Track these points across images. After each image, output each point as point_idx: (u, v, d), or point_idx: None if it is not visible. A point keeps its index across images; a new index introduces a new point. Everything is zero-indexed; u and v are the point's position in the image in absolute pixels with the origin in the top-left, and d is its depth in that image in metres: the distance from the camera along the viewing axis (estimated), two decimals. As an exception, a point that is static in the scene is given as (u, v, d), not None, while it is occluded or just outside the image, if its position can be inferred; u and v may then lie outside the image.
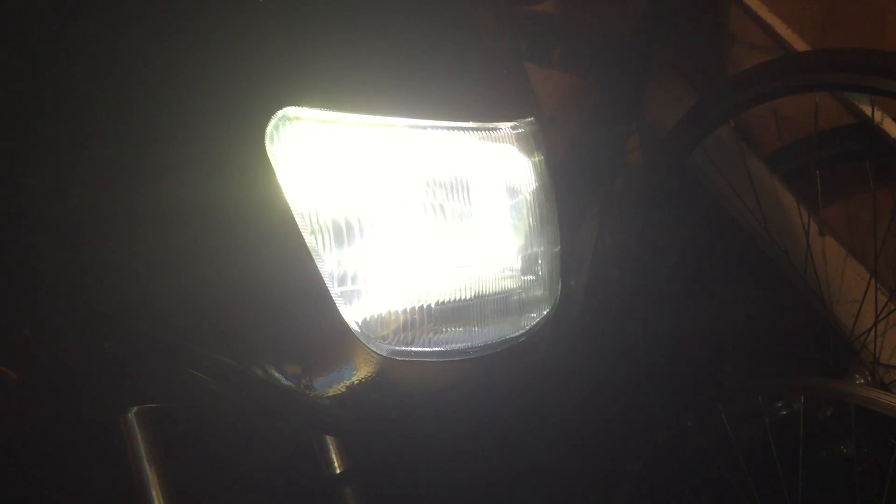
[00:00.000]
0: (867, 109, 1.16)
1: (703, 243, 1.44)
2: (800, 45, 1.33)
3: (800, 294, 1.29)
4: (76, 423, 0.69)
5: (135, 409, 0.65)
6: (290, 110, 0.55)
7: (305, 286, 0.59)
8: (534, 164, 0.72)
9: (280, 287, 0.60)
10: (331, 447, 0.82)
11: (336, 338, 0.62)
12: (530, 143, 0.71)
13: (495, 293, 0.67)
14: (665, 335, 1.40)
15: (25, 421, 0.71)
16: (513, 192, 0.69)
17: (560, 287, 0.76)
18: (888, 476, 1.16)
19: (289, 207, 0.57)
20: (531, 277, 0.71)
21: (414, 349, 0.63)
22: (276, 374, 0.64)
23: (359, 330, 0.61)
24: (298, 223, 0.57)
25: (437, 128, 0.63)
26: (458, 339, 0.65)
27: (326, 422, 0.69)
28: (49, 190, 0.60)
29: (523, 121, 0.71)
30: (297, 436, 0.80)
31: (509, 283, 0.68)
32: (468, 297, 0.65)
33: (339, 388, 0.64)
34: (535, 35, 1.42)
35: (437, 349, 0.63)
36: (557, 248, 0.75)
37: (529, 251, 0.70)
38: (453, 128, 0.64)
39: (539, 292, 0.72)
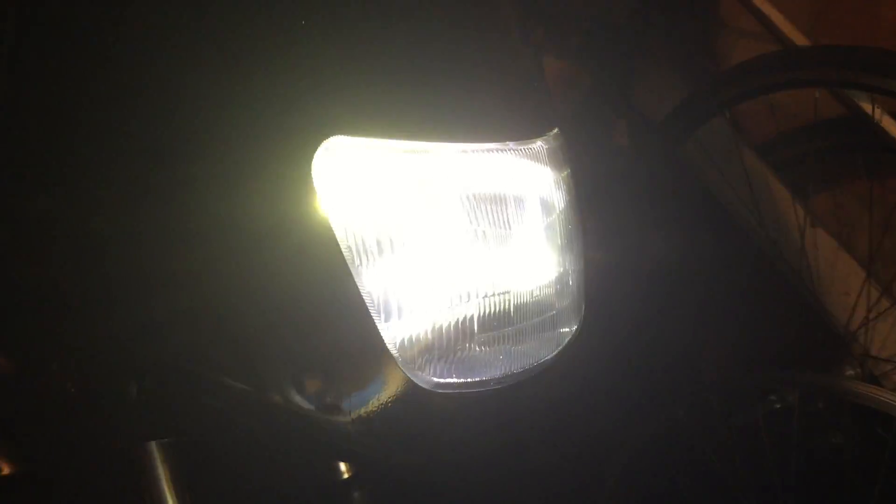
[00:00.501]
0: (866, 106, 1.16)
1: (694, 234, 1.44)
2: (794, 35, 1.33)
3: (791, 286, 1.30)
4: (96, 455, 0.66)
5: (155, 442, 0.63)
6: (335, 139, 0.55)
7: (345, 304, 0.58)
8: (563, 179, 0.70)
9: (318, 306, 0.59)
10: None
11: (372, 359, 0.61)
12: (559, 158, 0.70)
13: (533, 314, 0.66)
14: (656, 327, 1.41)
15: (47, 451, 0.69)
16: (548, 209, 0.67)
17: (585, 300, 0.75)
18: (878, 467, 1.18)
19: (331, 229, 0.56)
20: (564, 295, 0.70)
21: (453, 379, 0.61)
22: (302, 400, 0.62)
23: (396, 353, 0.60)
24: (340, 244, 0.57)
25: (474, 150, 0.61)
26: (496, 364, 0.63)
27: (352, 451, 0.67)
28: (83, 211, 0.58)
29: (551, 134, 0.69)
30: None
31: (546, 303, 0.67)
32: (508, 319, 0.63)
33: (371, 414, 0.62)
34: (553, 22, 1.40)
35: (476, 379, 0.62)
36: (583, 262, 0.74)
37: (562, 269, 0.69)
38: (489, 149, 0.62)
39: (570, 309, 0.71)
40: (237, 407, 0.63)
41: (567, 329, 0.71)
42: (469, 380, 0.62)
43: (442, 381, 0.60)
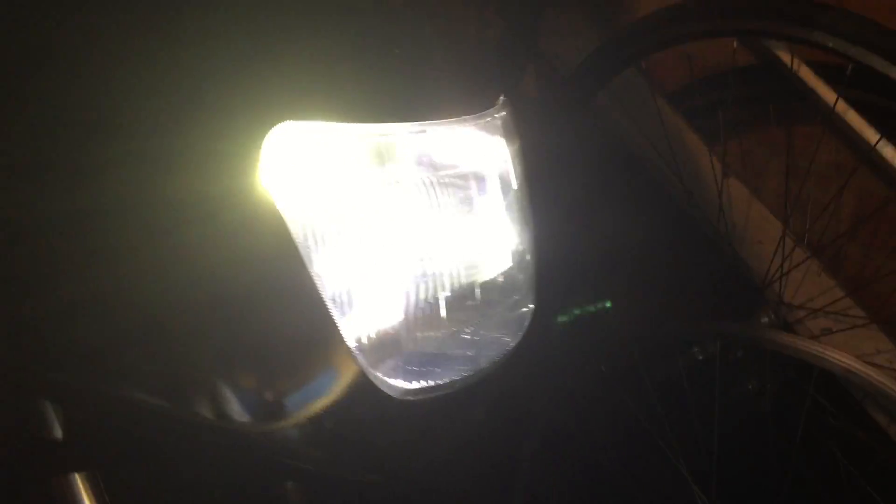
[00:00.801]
0: (784, 55, 1.15)
1: (607, 186, 1.42)
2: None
3: (708, 236, 1.30)
4: (13, 489, 0.57)
5: (78, 474, 0.54)
6: (285, 125, 0.50)
7: (296, 295, 0.54)
8: (517, 153, 0.65)
9: (266, 298, 0.54)
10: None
11: (327, 354, 0.55)
12: (511, 129, 0.64)
13: (500, 297, 0.61)
14: (573, 280, 1.39)
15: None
16: (506, 186, 0.62)
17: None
18: (796, 411, 1.21)
19: (281, 217, 0.52)
20: (525, 274, 0.65)
21: (420, 384, 0.55)
22: (239, 406, 0.55)
23: (356, 349, 0.54)
24: (291, 231, 0.52)
25: (430, 128, 0.55)
26: (463, 358, 0.58)
27: (299, 467, 0.60)
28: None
29: (500, 102, 0.63)
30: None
31: (510, 285, 0.62)
32: (476, 305, 0.58)
33: (326, 418, 0.56)
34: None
35: (444, 380, 0.56)
36: (534, 237, 0.69)
37: (522, 248, 0.64)
38: (446, 125, 0.56)
39: (530, 288, 0.67)
40: (167, 426, 0.55)
41: (527, 309, 0.67)
42: (438, 382, 0.56)
43: (409, 386, 0.55)
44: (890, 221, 1.23)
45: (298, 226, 0.51)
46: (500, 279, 0.61)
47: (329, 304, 0.53)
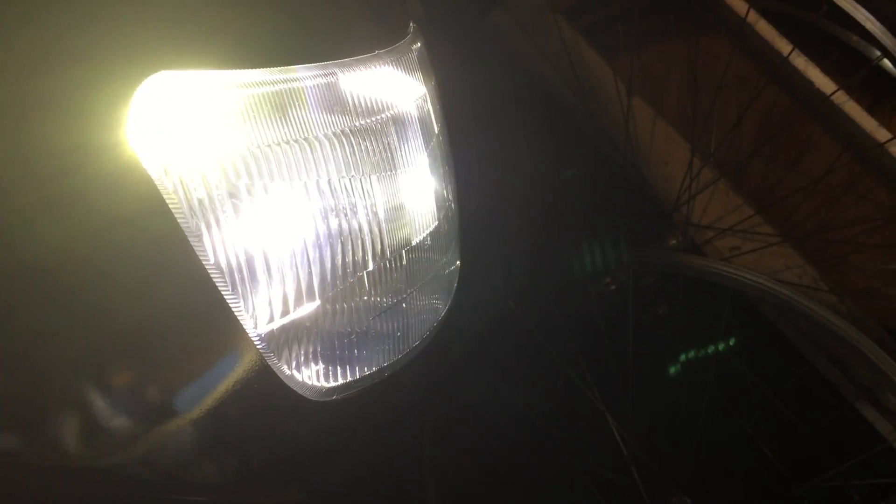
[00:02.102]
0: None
1: (507, 109, 1.34)
2: None
3: (613, 158, 1.25)
4: None
5: None
6: (160, 75, 0.40)
7: (180, 277, 0.44)
8: (434, 90, 0.55)
9: (141, 281, 0.44)
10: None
11: (225, 350, 0.45)
12: (426, 61, 0.55)
13: (430, 264, 0.52)
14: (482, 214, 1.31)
15: None
16: (428, 132, 0.52)
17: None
18: (709, 334, 1.20)
19: (155, 186, 0.42)
20: (449, 231, 0.56)
21: (340, 377, 0.46)
22: (109, 422, 0.46)
23: (262, 342, 0.45)
24: (170, 203, 0.42)
25: (339, 68, 0.45)
26: (390, 339, 0.50)
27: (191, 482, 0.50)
28: None
29: (413, 32, 0.54)
30: None
31: (439, 247, 0.53)
32: (407, 276, 0.50)
33: (226, 437, 0.46)
34: None
35: (371, 370, 0.48)
36: (456, 186, 0.61)
37: (446, 200, 0.55)
38: (356, 62, 0.46)
39: (456, 244, 0.58)
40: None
41: (455, 268, 0.59)
42: (363, 370, 0.47)
43: (329, 384, 0.46)
44: (795, 135, 1.21)
45: (178, 193, 0.42)
46: (428, 239, 0.52)
47: (218, 282, 0.44)
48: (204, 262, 0.44)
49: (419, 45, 0.53)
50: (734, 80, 1.25)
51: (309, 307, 0.46)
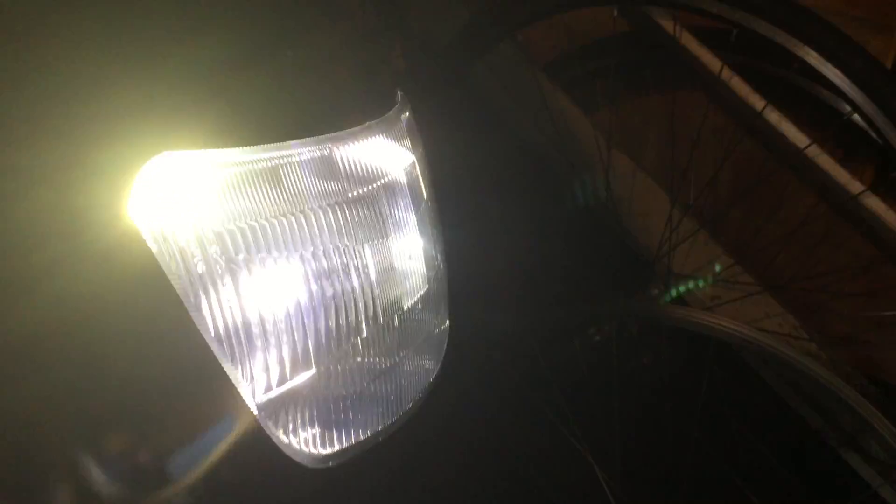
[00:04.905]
0: (665, 23, 1.12)
1: (490, 165, 1.36)
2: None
3: (595, 211, 1.27)
4: None
5: None
6: (163, 156, 0.42)
7: (177, 343, 0.45)
8: (423, 157, 0.57)
9: (142, 350, 0.45)
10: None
11: (221, 416, 0.46)
12: (414, 129, 0.56)
13: (422, 326, 0.53)
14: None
15: None
16: (417, 199, 0.54)
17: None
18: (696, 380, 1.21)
19: (154, 259, 0.44)
20: (439, 293, 0.58)
21: (335, 442, 0.47)
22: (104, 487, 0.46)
23: (259, 408, 0.45)
24: (169, 274, 0.44)
25: (332, 141, 0.46)
26: (384, 402, 0.51)
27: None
28: None
29: (401, 100, 0.55)
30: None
31: (430, 307, 0.55)
32: (398, 340, 0.51)
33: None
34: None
35: (365, 435, 0.48)
36: (445, 249, 0.62)
37: (437, 264, 0.57)
38: (349, 135, 0.47)
39: (445, 306, 0.59)
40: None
41: (445, 327, 0.60)
42: (358, 436, 0.48)
43: (325, 451, 0.46)
44: (772, 187, 1.24)
45: (178, 264, 0.43)
46: (419, 302, 0.53)
47: (217, 352, 0.45)
48: (202, 333, 0.44)
49: (407, 112, 0.54)
50: (710, 133, 1.28)
51: (305, 374, 0.47)
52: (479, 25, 1.25)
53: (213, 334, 0.44)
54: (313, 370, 0.47)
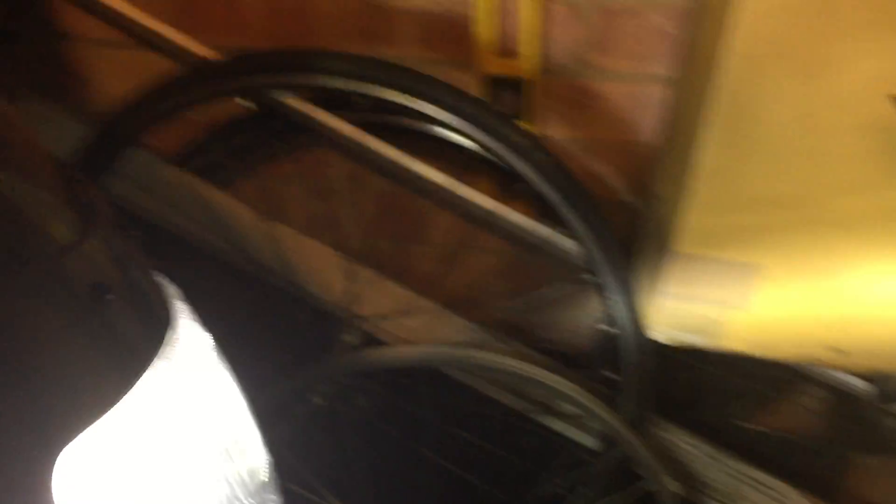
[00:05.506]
0: (289, 100, 1.19)
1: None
2: (168, 32, 1.25)
3: (274, 285, 1.31)
4: None
5: None
6: None
7: None
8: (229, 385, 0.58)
9: None
10: None
11: None
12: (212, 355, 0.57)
13: None
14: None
15: None
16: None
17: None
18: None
19: None
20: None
21: None
22: None
23: None
24: None
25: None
26: None
27: None
28: None
29: (185, 319, 0.55)
30: None
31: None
32: None
33: None
34: None
35: None
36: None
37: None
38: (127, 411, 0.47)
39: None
40: None
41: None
42: None
43: None
44: (405, 212, 1.39)
45: None
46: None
47: None
48: None
49: (179, 340, 0.53)
50: (349, 181, 1.39)
51: None
52: (100, 139, 1.20)
53: None
54: None
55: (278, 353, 1.30)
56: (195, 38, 1.25)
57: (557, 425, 1.35)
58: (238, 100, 1.21)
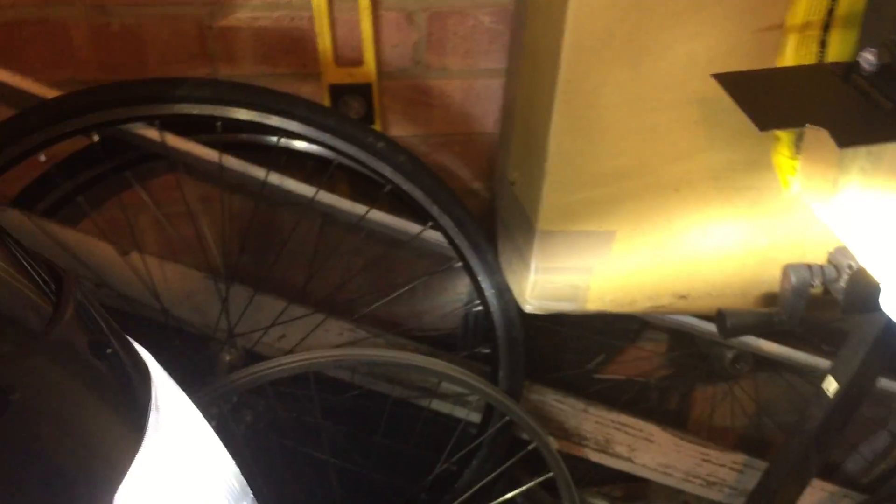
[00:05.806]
0: (146, 131, 1.17)
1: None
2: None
3: (150, 318, 1.29)
4: None
5: None
6: None
7: None
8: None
9: None
10: None
11: None
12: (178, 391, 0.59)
13: None
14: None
15: None
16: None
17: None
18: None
19: None
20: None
21: None
22: None
23: None
24: None
25: None
26: None
27: None
28: None
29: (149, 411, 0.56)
30: None
31: None
32: None
33: None
34: None
35: None
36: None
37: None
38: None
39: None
40: None
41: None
42: None
43: None
44: (269, 226, 1.42)
45: None
46: None
47: None
48: None
49: (157, 416, 0.54)
50: (203, 202, 1.39)
51: None
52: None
53: None
54: None
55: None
56: (24, 75, 1.21)
57: (444, 407, 1.43)
58: (95, 136, 1.18)
